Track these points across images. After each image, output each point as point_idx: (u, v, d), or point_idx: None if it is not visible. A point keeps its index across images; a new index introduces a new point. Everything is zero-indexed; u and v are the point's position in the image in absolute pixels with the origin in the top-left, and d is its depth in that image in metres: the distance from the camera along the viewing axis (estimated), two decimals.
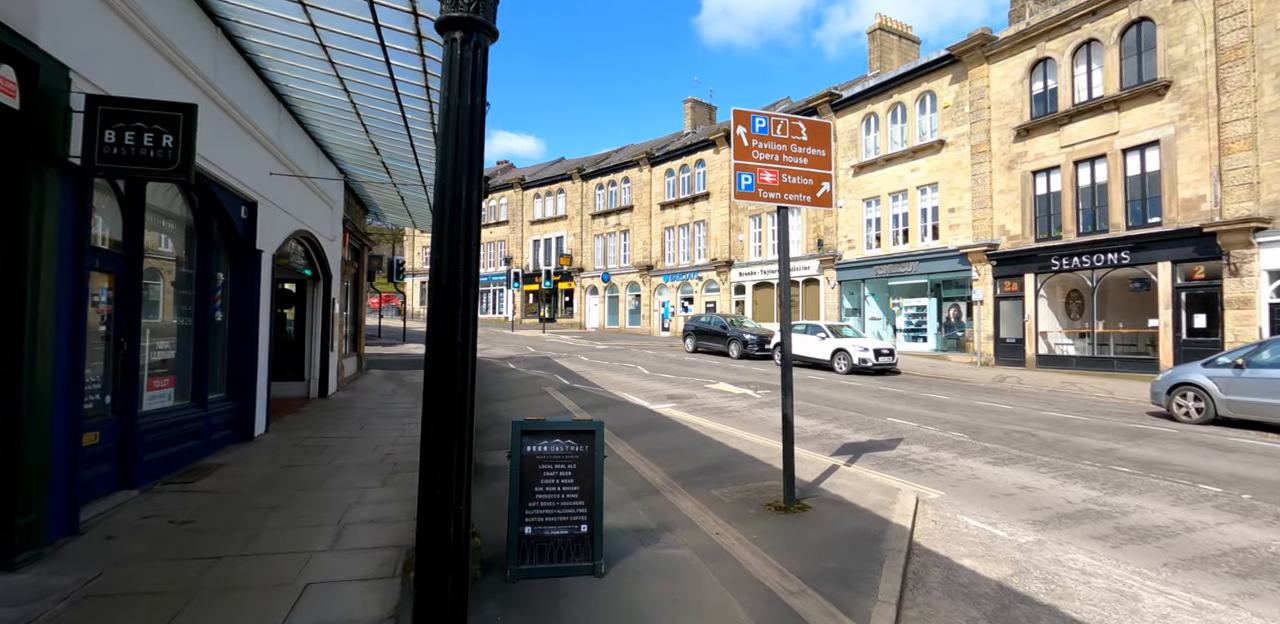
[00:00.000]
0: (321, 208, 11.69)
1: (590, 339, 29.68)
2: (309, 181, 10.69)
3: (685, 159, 32.31)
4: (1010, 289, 18.59)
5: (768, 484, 6.29)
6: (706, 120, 36.90)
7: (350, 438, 8.57)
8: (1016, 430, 9.51)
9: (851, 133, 23.89)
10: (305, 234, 10.60)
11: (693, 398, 12.83)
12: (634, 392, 13.77)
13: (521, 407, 11.62)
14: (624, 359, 20.69)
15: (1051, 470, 7.14)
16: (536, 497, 4.07)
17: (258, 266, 8.25)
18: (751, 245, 28.64)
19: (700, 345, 23.21)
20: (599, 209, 37.58)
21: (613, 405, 11.88)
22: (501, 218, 44.06)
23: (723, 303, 29.70)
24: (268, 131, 8.42)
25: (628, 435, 8.91)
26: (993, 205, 19.07)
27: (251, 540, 4.56)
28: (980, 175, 19.31)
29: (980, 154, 19.34)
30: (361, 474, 6.59)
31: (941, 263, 20.46)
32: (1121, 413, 11.44)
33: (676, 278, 32.38)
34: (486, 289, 44.74)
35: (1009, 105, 18.72)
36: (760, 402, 12.31)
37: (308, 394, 12.11)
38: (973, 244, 19.26)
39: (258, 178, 8.17)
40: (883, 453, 8.03)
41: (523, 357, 21.83)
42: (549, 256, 40.66)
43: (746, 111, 5.58)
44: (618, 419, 10.28)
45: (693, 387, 14.50)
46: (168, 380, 6.56)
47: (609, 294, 36.94)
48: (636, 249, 34.87)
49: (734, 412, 11.21)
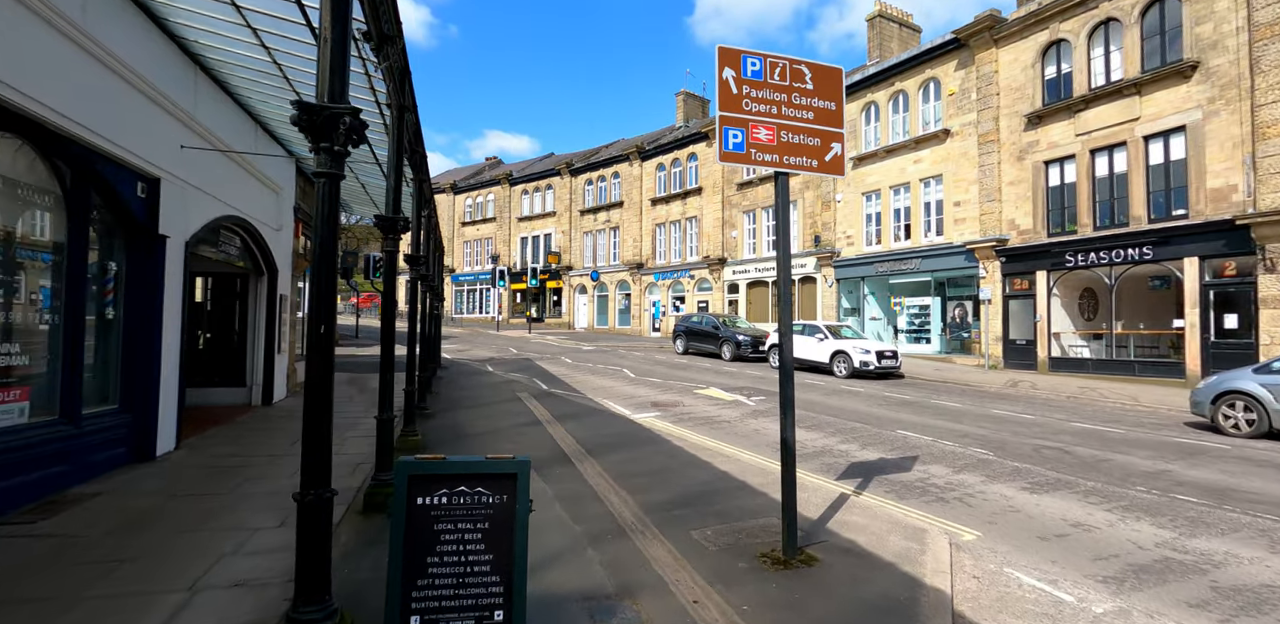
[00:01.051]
0: (262, 193, 10.42)
1: (577, 340, 28.44)
2: (245, 162, 9.43)
3: (677, 152, 31.11)
4: (1021, 287, 17.46)
5: (763, 522, 5.06)
6: (700, 113, 35.71)
7: (275, 457, 7.31)
8: (1047, 446, 8.32)
9: (851, 123, 22.73)
10: (239, 221, 9.32)
11: (679, 406, 11.60)
12: (616, 398, 12.54)
13: (487, 417, 10.37)
14: (610, 361, 19.45)
15: (1103, 500, 5.95)
16: (430, 571, 2.82)
17: (161, 255, 6.97)
18: (745, 242, 27.46)
19: (691, 347, 22.00)
20: (588, 205, 36.33)
21: (590, 414, 10.64)
22: (489, 215, 42.75)
23: (715, 302, 28.51)
24: (176, 97, 7.16)
25: (600, 453, 7.68)
26: (1002, 198, 17.93)
27: (53, 620, 3.31)
28: (988, 166, 18.17)
29: (988, 144, 18.20)
30: (262, 508, 5.35)
31: (946, 259, 19.32)
32: (1157, 424, 10.28)
33: (668, 276, 31.18)
34: (473, 288, 43.44)
35: (1019, 91, 17.58)
36: (754, 410, 11.10)
37: (249, 401, 10.82)
38: (980, 240, 18.12)
39: (162, 150, 6.91)
40: (897, 476, 6.82)
41: (503, 359, 20.57)
42: (537, 254, 39.38)
43: (736, 49, 4.34)
44: (592, 431, 9.04)
45: (680, 392, 13.27)
46: (18, 392, 5.28)
47: (598, 293, 35.70)
48: (626, 246, 33.65)
49: (724, 422, 9.99)
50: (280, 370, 11.40)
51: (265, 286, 11.02)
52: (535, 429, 9.26)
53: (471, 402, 12.08)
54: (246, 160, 9.51)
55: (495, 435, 8.78)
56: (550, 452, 7.78)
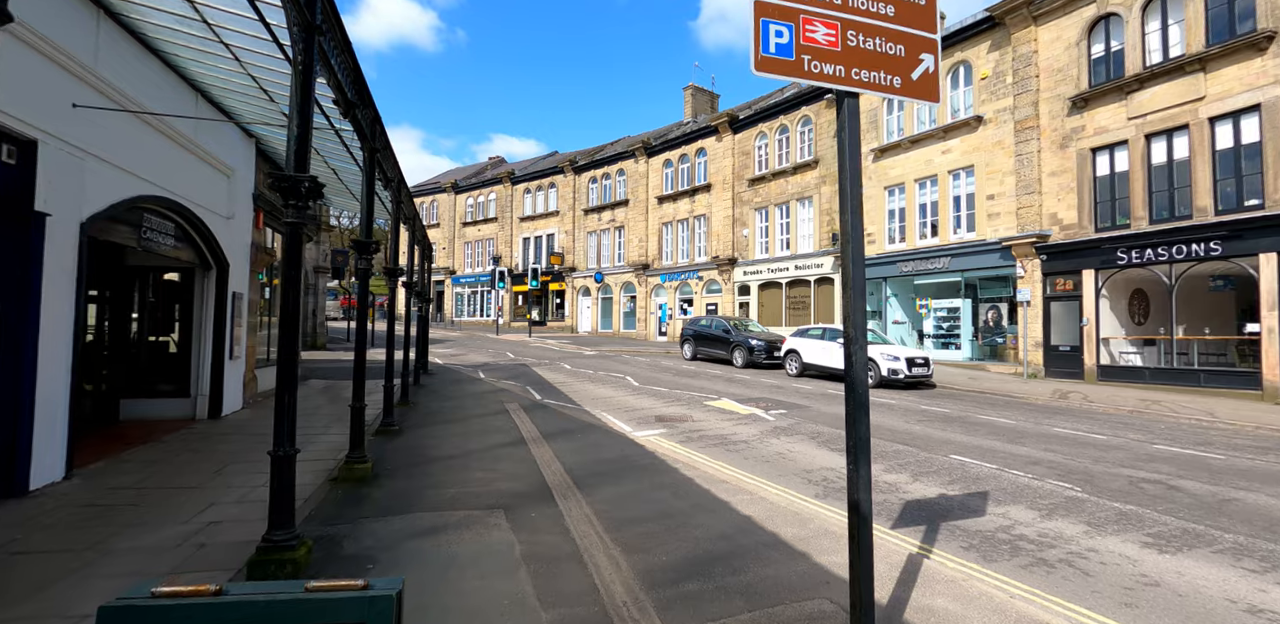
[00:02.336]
0: (208, 175, 9.01)
1: (579, 344, 26.96)
2: (183, 138, 8.03)
3: (685, 148, 29.65)
4: (1064, 288, 15.84)
5: (812, 609, 3.54)
6: (708, 109, 34.27)
7: (187, 490, 5.86)
8: (1144, 479, 6.75)
9: (872, 112, 21.21)
10: (171, 205, 7.91)
11: (688, 420, 10.09)
12: (616, 410, 11.04)
13: (463, 434, 8.88)
14: (612, 368, 17.95)
15: (1264, 564, 4.40)
16: None
17: (38, 237, 5.55)
18: (757, 241, 25.93)
19: (700, 352, 20.48)
20: (592, 204, 34.91)
21: (585, 431, 9.14)
22: (490, 214, 41.41)
23: (725, 305, 26.98)
24: (66, 42, 5.75)
25: (592, 486, 6.18)
26: (1042, 190, 16.34)
27: None
28: (1026, 155, 16.59)
29: (1026, 130, 16.63)
30: (118, 574, 3.89)
31: (979, 258, 17.72)
32: (1258, 447, 8.66)
33: (675, 277, 29.67)
34: (474, 290, 42.09)
35: (1062, 73, 16.02)
36: (774, 427, 9.56)
37: (193, 414, 9.40)
38: (1018, 236, 16.53)
39: (43, 107, 5.50)
40: (972, 522, 5.28)
41: (498, 364, 19.12)
42: (539, 255, 37.98)
43: None
44: (585, 454, 7.53)
45: (689, 404, 11.76)
46: None
47: (602, 295, 34.23)
48: (632, 246, 32.19)
49: (741, 442, 8.46)
50: (233, 379, 9.98)
51: (214, 283, 9.61)
52: (517, 451, 7.76)
53: (451, 414, 10.61)
54: (184, 136, 8.12)
55: (465, 460, 7.29)
56: (529, 483, 6.29)
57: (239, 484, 6.05)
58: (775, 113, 25.16)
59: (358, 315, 8.91)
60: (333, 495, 5.78)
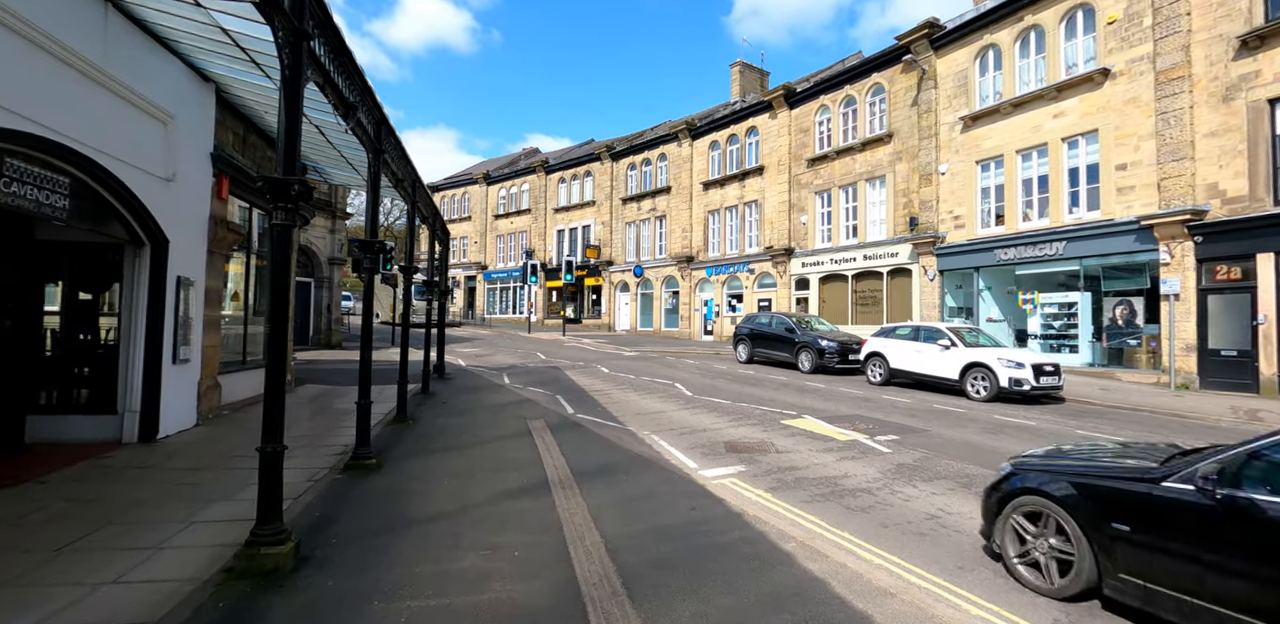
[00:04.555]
0: (126, 116, 6.72)
1: (617, 344, 24.47)
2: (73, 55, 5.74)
3: (734, 128, 26.83)
4: (1228, 277, 12.60)
5: None
6: (758, 87, 31.33)
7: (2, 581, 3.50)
8: None
9: (959, 75, 18.10)
10: (56, 149, 5.62)
11: (770, 450, 7.43)
12: (670, 431, 8.46)
13: (464, 474, 6.40)
14: (657, 372, 15.38)
15: None
16: None
17: None
18: (818, 228, 22.99)
19: (757, 354, 17.75)
20: (631, 193, 32.36)
21: (632, 468, 6.57)
22: (523, 206, 39.26)
23: (780, 300, 24.13)
24: None
25: (654, 595, 3.60)
26: (1195, 155, 13.11)
27: None
28: (1173, 113, 13.36)
29: (1173, 82, 13.39)
30: None
31: (1104, 241, 14.54)
32: None
33: (722, 271, 26.91)
34: (506, 286, 40.06)
35: (1225, 6, 12.76)
36: (896, 464, 6.82)
37: (118, 436, 7.16)
38: (1161, 213, 13.32)
39: None
40: None
41: (526, 367, 16.73)
42: (574, 248, 35.64)
43: None
44: (637, 517, 4.92)
45: (763, 424, 9.09)
46: None
47: (642, 291, 31.67)
48: (674, 237, 29.52)
49: (861, 492, 5.77)
50: (177, 388, 7.72)
51: (148, 265, 7.35)
52: (535, 507, 5.24)
53: (456, 438, 8.16)
54: (79, 56, 5.83)
55: (456, 526, 4.78)
56: (549, 587, 3.74)
57: (73, 578, 3.65)
58: (840, 82, 22.17)
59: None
60: (201, 620, 3.31)
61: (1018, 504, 3.94)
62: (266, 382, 3.91)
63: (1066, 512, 3.63)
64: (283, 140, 3.91)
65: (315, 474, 6.18)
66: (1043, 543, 3.76)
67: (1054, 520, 3.71)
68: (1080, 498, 3.60)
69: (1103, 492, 3.52)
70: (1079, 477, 3.69)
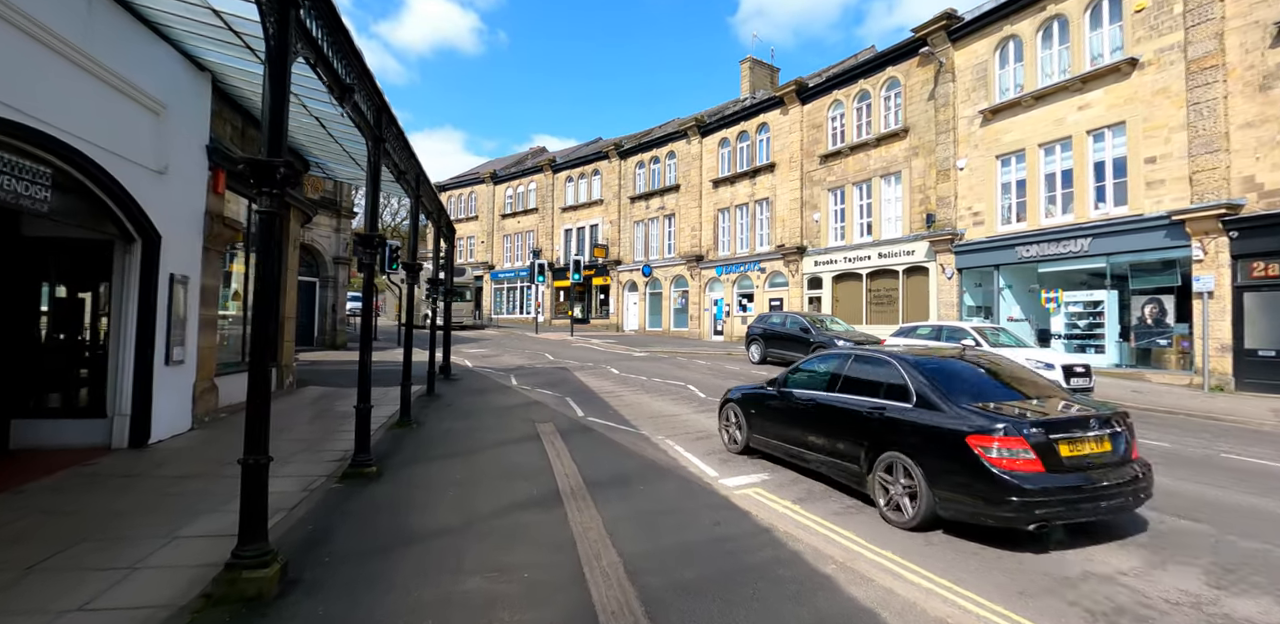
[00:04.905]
0: (114, 104, 6.38)
1: (626, 344, 24.07)
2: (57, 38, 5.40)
3: (744, 124, 26.38)
4: (1266, 273, 12.07)
5: None
6: (768, 83, 30.87)
7: None
8: None
9: (978, 67, 17.59)
10: (35, 137, 5.27)
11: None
12: (685, 436, 8.05)
13: (468, 483, 6.00)
14: (668, 373, 14.97)
15: None
16: None
17: None
18: (831, 226, 22.50)
19: (771, 355, 17.30)
20: (639, 191, 31.95)
21: (648, 476, 6.15)
22: (530, 205, 38.92)
23: (792, 300, 23.66)
24: None
25: (685, 613, 3.19)
26: (1229, 147, 12.58)
27: None
28: (1206, 104, 12.84)
29: (1206, 72, 12.87)
30: None
31: (1132, 237, 14.02)
32: None
33: (733, 270, 26.47)
34: (513, 286, 39.74)
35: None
36: None
37: (107, 441, 6.82)
38: (1194, 208, 12.80)
39: None
40: None
41: (534, 368, 16.35)
42: (582, 247, 35.26)
43: None
44: (657, 532, 4.48)
45: None
46: None
47: (650, 290, 31.25)
48: (684, 236, 29.09)
49: None
50: (170, 391, 7.37)
51: (139, 262, 7.01)
52: (545, 520, 4.83)
53: (462, 442, 7.78)
54: (63, 40, 5.48)
55: (460, 542, 4.38)
56: (566, 609, 3.34)
57: (36, 603, 3.27)
58: (854, 77, 21.68)
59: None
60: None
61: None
62: (250, 386, 3.52)
63: (738, 406, 7.27)
64: (268, 118, 3.53)
65: (311, 483, 5.81)
66: (731, 422, 7.40)
67: (734, 410, 7.33)
68: (743, 400, 7.23)
69: (751, 396, 7.11)
70: (744, 392, 7.31)
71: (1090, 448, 4.46)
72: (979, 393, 5.00)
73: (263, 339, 3.60)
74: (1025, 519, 4.14)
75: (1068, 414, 4.68)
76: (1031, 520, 4.14)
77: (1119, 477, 4.38)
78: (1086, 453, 4.44)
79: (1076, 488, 4.21)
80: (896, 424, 4.98)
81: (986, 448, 4.31)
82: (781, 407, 6.43)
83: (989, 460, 4.28)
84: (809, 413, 5.99)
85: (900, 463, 4.82)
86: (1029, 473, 4.22)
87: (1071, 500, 4.19)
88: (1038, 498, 4.11)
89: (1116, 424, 4.66)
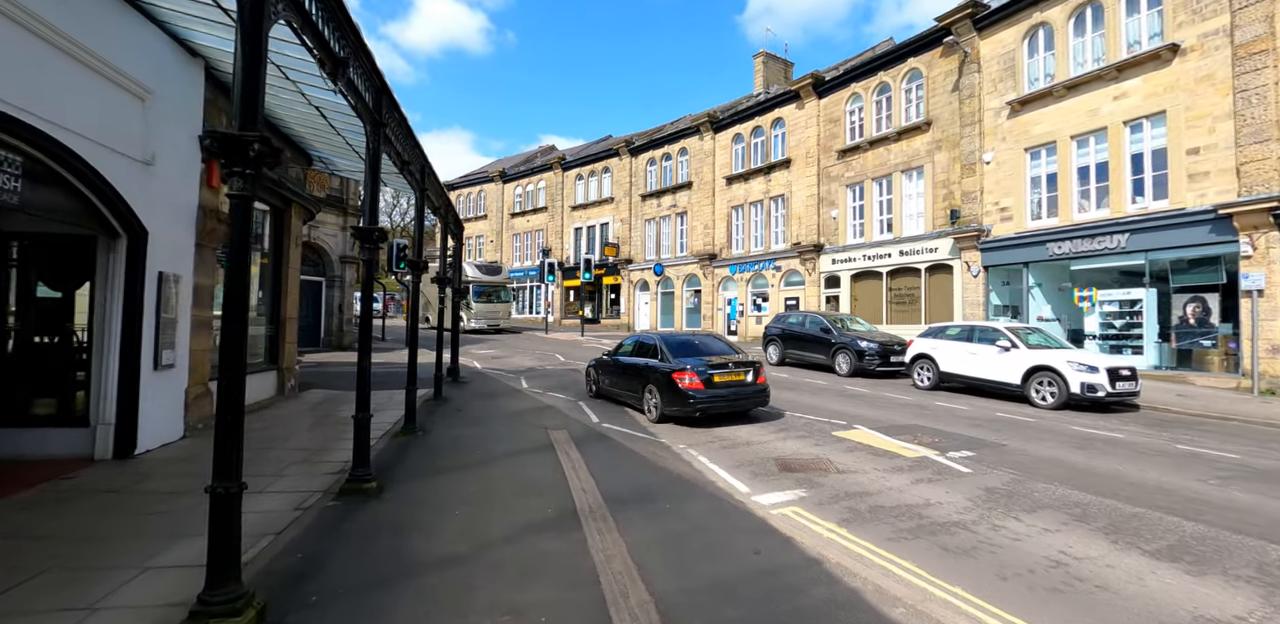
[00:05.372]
0: (97, 90, 5.91)
1: None
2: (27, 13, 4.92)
3: (759, 119, 25.75)
4: None
5: None
6: (782, 78, 30.20)
7: None
8: None
9: (1005, 56, 16.90)
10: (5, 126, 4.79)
11: (829, 469, 6.43)
12: (709, 446, 7.49)
13: (478, 495, 5.47)
14: None
15: None
16: None
17: None
18: (849, 223, 21.84)
19: (789, 356, 16.70)
20: (651, 189, 31.39)
21: (673, 494, 5.59)
22: (539, 204, 38.44)
23: (809, 299, 23.03)
24: None
25: None
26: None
27: None
28: (1255, 91, 12.12)
29: (1254, 56, 12.15)
30: None
31: (1173, 233, 13.31)
32: None
33: (747, 268, 25.86)
34: (522, 285, 39.26)
35: None
36: (984, 488, 5.77)
37: (90, 451, 6.35)
38: (1242, 200, 12.09)
39: None
40: None
41: (544, 370, 15.83)
42: (592, 246, 34.74)
43: None
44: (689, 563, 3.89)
45: (811, 435, 8.09)
46: None
47: (662, 290, 30.68)
48: (696, 234, 28.50)
49: (953, 525, 4.75)
50: (160, 397, 6.90)
51: (124, 259, 6.53)
52: (562, 548, 4.29)
53: (471, 453, 7.25)
54: (30, 15, 5.00)
55: (467, 575, 3.84)
56: None
57: None
58: (873, 69, 21.01)
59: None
60: None
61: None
62: (220, 401, 2.99)
63: (592, 368, 11.40)
64: (239, 83, 3.01)
65: (305, 500, 5.30)
66: (590, 378, 11.38)
67: (591, 371, 11.42)
68: (595, 365, 11.29)
69: (598, 362, 11.21)
70: (594, 360, 11.44)
71: (731, 377, 8.81)
72: (688, 353, 9.33)
73: (233, 347, 3.07)
74: (695, 412, 8.49)
75: (720, 361, 8.96)
76: (699, 412, 8.50)
77: (747, 391, 8.85)
78: (729, 380, 8.78)
79: (723, 396, 8.64)
80: (654, 368, 9.24)
81: (680, 378, 8.58)
82: (612, 365, 10.67)
83: (681, 385, 8.54)
84: (622, 368, 10.28)
85: (651, 388, 9.17)
86: (698, 390, 8.51)
87: (719, 404, 8.59)
88: (702, 401, 8.48)
89: (748, 368, 8.99)
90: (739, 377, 8.81)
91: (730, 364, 8.85)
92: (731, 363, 8.89)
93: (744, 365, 8.94)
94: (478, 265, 30.71)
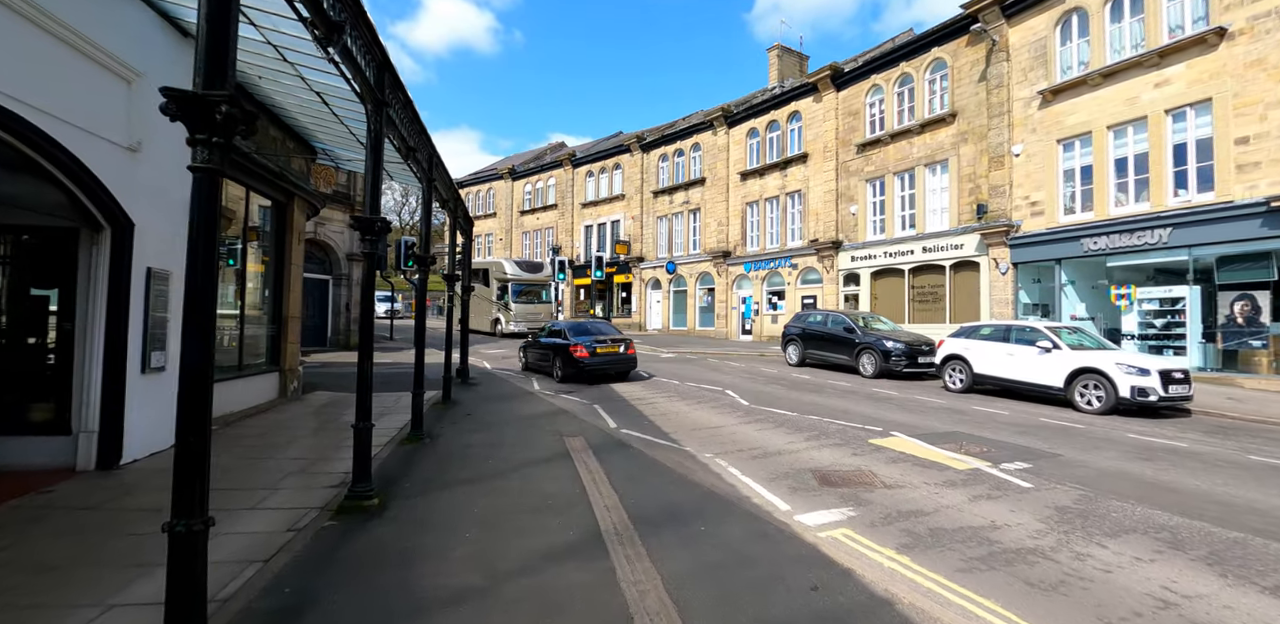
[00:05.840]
0: (76, 68, 5.41)
1: (652, 344, 22.95)
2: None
3: (774, 113, 25.10)
4: None
5: None
6: (796, 72, 29.51)
7: None
8: None
9: (1036, 44, 16.19)
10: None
11: (874, 484, 5.84)
12: (737, 454, 6.92)
13: (489, 514, 4.92)
14: (702, 376, 13.84)
15: None
16: None
17: None
18: (869, 219, 21.17)
19: (810, 356, 16.10)
20: (663, 185, 30.79)
21: (706, 514, 5.02)
22: (549, 201, 37.92)
23: (826, 297, 22.38)
24: None
25: None
26: None
27: None
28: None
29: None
30: None
31: (1220, 227, 12.61)
32: None
33: (762, 266, 25.22)
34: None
35: None
36: (1052, 506, 5.17)
37: (72, 462, 5.87)
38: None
39: None
40: None
41: None
42: (603, 244, 34.18)
43: None
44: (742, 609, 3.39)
45: (847, 442, 7.51)
46: None
47: (675, 288, 30.08)
48: (709, 231, 27.88)
49: (1028, 552, 4.16)
50: (149, 403, 6.40)
51: (108, 254, 6.04)
52: (587, 582, 3.72)
53: (481, 463, 6.72)
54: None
55: (479, 615, 3.30)
56: None
57: None
58: (894, 59, 20.32)
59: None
60: None
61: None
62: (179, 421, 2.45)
63: (521, 349, 15.93)
64: (204, 34, 2.48)
65: (300, 519, 4.78)
66: (521, 356, 15.76)
67: (522, 351, 15.77)
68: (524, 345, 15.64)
69: (527, 343, 15.48)
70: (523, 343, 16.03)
71: (609, 350, 12.93)
72: (584, 334, 13.25)
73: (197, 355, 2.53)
74: (584, 375, 12.70)
75: (603, 338, 13.07)
76: (586, 375, 12.71)
77: (619, 360, 13.03)
78: (607, 352, 12.89)
79: (601, 364, 12.79)
80: (561, 346, 13.09)
81: (575, 350, 12.68)
82: (535, 346, 14.38)
83: (575, 355, 12.64)
84: (541, 346, 14.03)
85: (557, 359, 13.19)
86: (585, 358, 12.62)
87: (600, 367, 12.75)
88: (588, 367, 12.64)
89: (622, 342, 13.13)
90: (614, 349, 12.97)
91: (609, 340, 13.01)
92: (610, 339, 13.07)
93: (619, 341, 13.16)
94: (518, 262, 29.30)
